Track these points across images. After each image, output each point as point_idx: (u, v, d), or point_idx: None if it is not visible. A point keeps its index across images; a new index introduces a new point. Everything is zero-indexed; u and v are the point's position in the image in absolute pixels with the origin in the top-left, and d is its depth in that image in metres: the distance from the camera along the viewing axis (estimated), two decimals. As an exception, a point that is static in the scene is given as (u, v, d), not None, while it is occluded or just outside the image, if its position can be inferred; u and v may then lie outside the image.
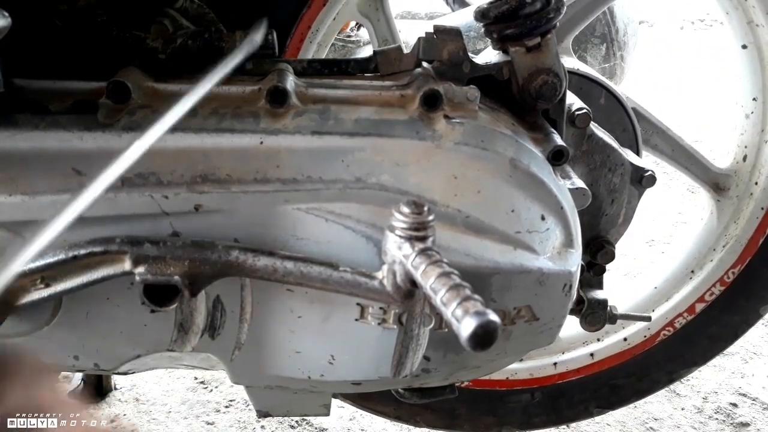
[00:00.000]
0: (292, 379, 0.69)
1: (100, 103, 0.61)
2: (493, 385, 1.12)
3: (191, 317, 0.64)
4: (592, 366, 1.14)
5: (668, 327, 1.12)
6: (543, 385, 1.14)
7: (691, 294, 1.11)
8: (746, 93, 1.04)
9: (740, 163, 1.07)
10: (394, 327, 0.64)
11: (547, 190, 0.66)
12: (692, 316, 1.11)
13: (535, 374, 1.14)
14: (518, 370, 1.13)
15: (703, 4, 4.22)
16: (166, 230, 0.61)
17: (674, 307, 1.12)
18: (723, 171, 1.08)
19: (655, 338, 1.13)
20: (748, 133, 1.05)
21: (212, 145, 0.61)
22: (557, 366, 1.14)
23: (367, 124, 0.63)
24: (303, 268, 0.58)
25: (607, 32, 2.41)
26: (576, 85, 0.90)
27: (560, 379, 1.14)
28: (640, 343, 1.13)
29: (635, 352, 1.13)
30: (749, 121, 1.05)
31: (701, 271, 1.11)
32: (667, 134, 1.03)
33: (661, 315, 1.12)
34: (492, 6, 0.72)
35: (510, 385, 1.13)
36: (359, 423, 1.39)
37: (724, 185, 1.08)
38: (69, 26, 0.66)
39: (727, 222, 1.09)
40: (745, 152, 1.06)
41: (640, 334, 1.13)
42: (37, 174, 0.60)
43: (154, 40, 0.66)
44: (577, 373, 1.14)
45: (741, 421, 1.44)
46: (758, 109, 1.03)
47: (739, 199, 1.08)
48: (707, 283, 1.10)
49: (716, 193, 1.09)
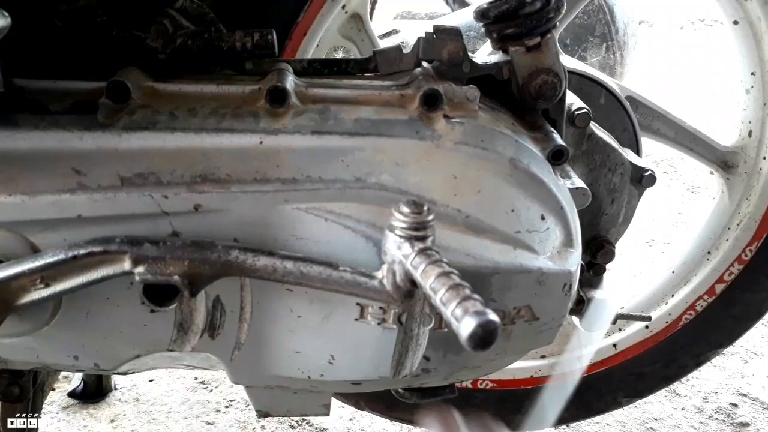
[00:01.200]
0: (291, 378, 0.69)
1: (100, 103, 0.61)
2: (518, 384, 1.13)
3: (191, 317, 0.64)
4: (615, 357, 1.14)
5: (689, 311, 1.11)
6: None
7: (709, 275, 1.10)
8: (744, 68, 1.04)
9: (746, 138, 1.06)
10: (393, 327, 0.64)
11: (547, 189, 0.66)
12: (713, 297, 1.10)
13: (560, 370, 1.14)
14: (542, 367, 1.13)
15: (703, 4, 4.22)
16: (165, 230, 0.61)
17: (694, 290, 1.11)
18: (729, 148, 1.07)
19: (678, 323, 1.12)
20: (751, 108, 1.05)
21: (212, 144, 0.61)
22: (581, 360, 1.13)
23: (367, 123, 0.63)
24: (303, 268, 0.58)
25: (607, 32, 2.42)
26: (576, 85, 0.91)
27: (585, 373, 1.13)
28: (662, 330, 1.12)
29: (658, 339, 1.13)
30: (750, 96, 1.04)
31: (717, 252, 1.10)
32: (667, 118, 1.02)
33: (681, 299, 1.11)
34: (492, 6, 0.72)
35: (535, 382, 1.13)
36: (359, 423, 1.39)
37: (732, 162, 1.07)
38: (69, 26, 0.66)
39: (739, 199, 1.08)
40: (750, 127, 1.05)
41: (662, 320, 1.12)
42: (37, 174, 0.60)
43: (154, 40, 0.66)
44: (602, 365, 1.14)
45: (741, 421, 1.44)
46: (757, 83, 1.03)
47: (748, 175, 1.07)
48: (725, 262, 1.09)
49: (725, 172, 1.08)
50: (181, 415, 1.41)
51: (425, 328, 0.64)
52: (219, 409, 1.43)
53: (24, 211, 0.60)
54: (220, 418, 1.41)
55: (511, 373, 1.13)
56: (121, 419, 1.39)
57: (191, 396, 1.46)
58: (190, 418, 1.40)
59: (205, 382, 1.50)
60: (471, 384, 1.12)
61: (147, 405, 1.44)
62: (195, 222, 0.61)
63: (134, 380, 1.49)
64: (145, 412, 1.42)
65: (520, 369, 1.13)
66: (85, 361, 0.67)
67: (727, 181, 1.09)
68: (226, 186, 0.61)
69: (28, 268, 0.58)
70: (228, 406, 1.44)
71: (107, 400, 1.44)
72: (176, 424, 1.39)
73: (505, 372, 1.13)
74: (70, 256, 0.57)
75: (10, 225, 0.60)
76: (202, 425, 1.38)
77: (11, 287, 0.59)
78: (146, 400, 1.45)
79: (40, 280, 0.59)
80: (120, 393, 1.47)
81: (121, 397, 1.46)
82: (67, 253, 0.57)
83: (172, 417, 1.40)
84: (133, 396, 1.46)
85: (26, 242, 0.61)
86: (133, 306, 0.62)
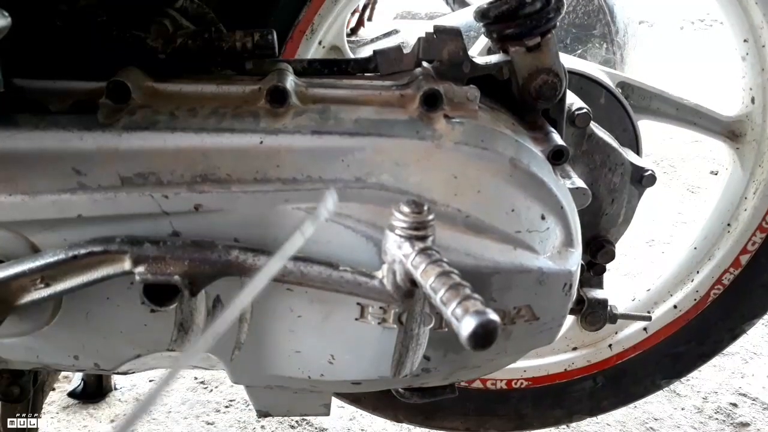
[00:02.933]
0: (292, 378, 0.69)
1: (100, 103, 0.61)
2: (553, 380, 1.13)
3: (191, 317, 0.64)
4: (647, 340, 1.13)
5: (717, 285, 1.10)
6: (603, 369, 1.14)
7: (732, 247, 1.08)
8: (736, 37, 1.03)
9: (749, 106, 1.05)
10: (394, 326, 0.64)
11: (547, 189, 0.66)
12: (739, 269, 1.09)
13: (593, 360, 1.14)
14: (575, 359, 1.13)
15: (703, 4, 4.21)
16: (166, 230, 0.61)
17: (718, 264, 1.09)
18: (734, 118, 1.06)
19: (706, 299, 1.11)
20: (749, 75, 1.04)
21: (212, 144, 0.61)
22: (612, 347, 1.13)
23: (367, 123, 0.63)
24: (303, 268, 0.58)
25: (607, 32, 2.42)
26: (576, 85, 0.91)
27: (619, 360, 1.13)
28: (691, 308, 1.11)
29: (689, 317, 1.12)
30: (747, 63, 1.04)
31: (738, 223, 1.08)
32: (665, 96, 1.02)
33: (706, 275, 1.10)
34: (492, 6, 0.72)
35: (569, 375, 1.13)
36: (359, 423, 1.39)
37: (740, 131, 1.06)
38: (69, 26, 0.66)
39: (752, 167, 1.06)
40: (752, 94, 1.04)
41: (690, 298, 1.11)
42: (37, 174, 0.60)
43: (154, 40, 0.66)
44: (634, 350, 1.14)
45: (741, 421, 1.44)
46: (752, 49, 1.02)
47: (758, 142, 1.05)
48: (747, 233, 1.07)
49: (734, 142, 1.07)
50: (181, 415, 1.41)
51: (425, 327, 0.64)
52: (219, 409, 1.43)
53: (24, 211, 0.60)
54: (220, 418, 1.41)
55: (544, 369, 1.13)
56: (121, 419, 1.39)
57: (191, 396, 1.46)
58: (190, 418, 1.40)
59: (205, 382, 1.50)
60: (506, 385, 1.13)
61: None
62: (195, 222, 0.61)
63: (134, 380, 1.49)
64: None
65: (553, 364, 1.14)
66: (85, 361, 0.67)
67: (737, 151, 1.07)
68: (227, 186, 0.61)
69: (28, 268, 0.58)
70: (228, 406, 1.44)
71: (107, 400, 1.44)
72: (176, 424, 1.39)
73: (539, 369, 1.13)
74: (70, 256, 0.57)
75: (10, 225, 0.60)
76: (202, 425, 1.38)
77: (11, 287, 0.59)
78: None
79: (40, 280, 0.59)
80: (120, 393, 1.47)
81: (121, 397, 1.46)
82: (67, 253, 0.57)
83: (172, 417, 1.40)
84: (133, 396, 1.46)
85: (26, 242, 0.61)
86: (133, 306, 0.62)
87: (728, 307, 1.11)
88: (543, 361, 1.14)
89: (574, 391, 1.14)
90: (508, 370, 1.12)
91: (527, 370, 1.13)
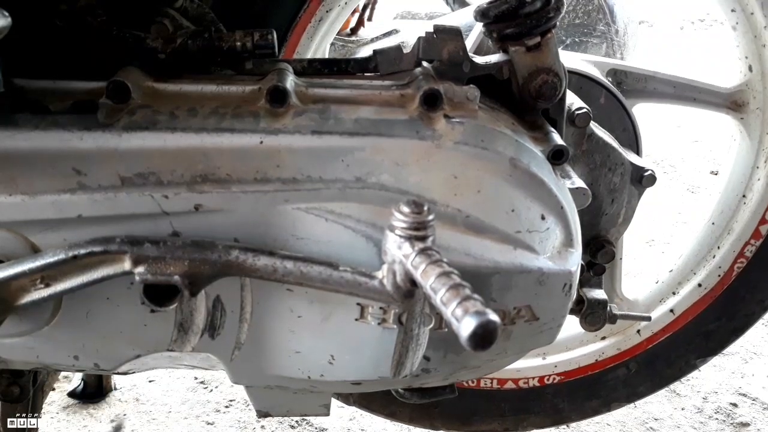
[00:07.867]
0: (291, 379, 0.68)
1: (100, 103, 0.61)
2: (585, 371, 1.13)
3: (191, 317, 0.64)
4: (676, 321, 1.12)
5: (740, 259, 1.08)
6: (635, 355, 1.14)
7: (751, 219, 1.07)
8: (724, 7, 1.02)
9: (748, 74, 1.04)
10: (394, 327, 0.64)
11: (547, 189, 0.66)
12: (760, 240, 1.07)
13: (622, 347, 1.14)
14: (605, 349, 1.13)
15: (703, 4, 4.22)
16: (166, 230, 0.61)
17: (739, 237, 1.08)
18: (734, 88, 1.05)
19: (731, 274, 1.09)
20: (743, 43, 1.03)
21: (212, 144, 0.61)
22: (641, 333, 1.13)
23: (367, 123, 0.63)
24: (303, 268, 0.58)
25: (607, 32, 2.42)
26: (576, 84, 0.91)
27: (649, 344, 1.13)
28: (717, 285, 1.10)
29: (715, 294, 1.10)
30: (739, 32, 1.03)
31: (752, 193, 1.07)
32: (659, 76, 1.01)
33: (727, 249, 1.09)
34: (492, 5, 0.72)
35: (601, 365, 1.13)
36: (359, 423, 1.39)
37: (742, 101, 1.05)
38: (69, 26, 0.66)
39: (760, 135, 1.05)
40: (748, 62, 1.04)
41: (714, 275, 1.10)
42: (37, 174, 0.60)
43: (154, 40, 0.66)
44: (663, 332, 1.13)
45: (741, 421, 1.44)
46: (741, 17, 1.01)
47: (761, 110, 1.04)
48: (763, 202, 1.06)
49: (737, 112, 1.05)
50: (181, 415, 1.41)
51: (425, 328, 0.64)
52: (219, 409, 1.43)
53: (24, 211, 0.60)
54: (220, 418, 1.41)
55: (575, 362, 1.13)
56: (121, 419, 1.39)
57: (191, 396, 1.46)
58: (190, 418, 1.40)
59: (205, 382, 1.50)
60: (538, 382, 1.13)
61: (147, 405, 1.44)
62: (195, 222, 0.61)
63: (134, 380, 1.49)
64: (145, 412, 1.42)
65: (583, 356, 1.14)
66: (85, 361, 0.67)
67: (742, 121, 1.06)
68: (227, 186, 0.61)
69: (28, 268, 0.58)
70: (228, 406, 1.44)
71: (107, 400, 1.44)
72: (176, 424, 1.39)
73: (570, 362, 1.13)
74: (70, 256, 0.57)
75: (10, 225, 0.60)
76: (202, 425, 1.38)
77: (11, 287, 0.59)
78: (146, 400, 1.45)
79: (40, 280, 0.59)
80: (120, 393, 1.47)
81: (121, 397, 1.46)
82: (67, 253, 0.57)
83: (172, 417, 1.40)
84: (133, 396, 1.46)
85: (26, 242, 0.61)
86: (133, 306, 0.62)
87: (755, 279, 1.09)
88: (573, 354, 1.14)
89: (608, 380, 1.14)
90: (539, 367, 1.13)
91: (558, 365, 1.13)
